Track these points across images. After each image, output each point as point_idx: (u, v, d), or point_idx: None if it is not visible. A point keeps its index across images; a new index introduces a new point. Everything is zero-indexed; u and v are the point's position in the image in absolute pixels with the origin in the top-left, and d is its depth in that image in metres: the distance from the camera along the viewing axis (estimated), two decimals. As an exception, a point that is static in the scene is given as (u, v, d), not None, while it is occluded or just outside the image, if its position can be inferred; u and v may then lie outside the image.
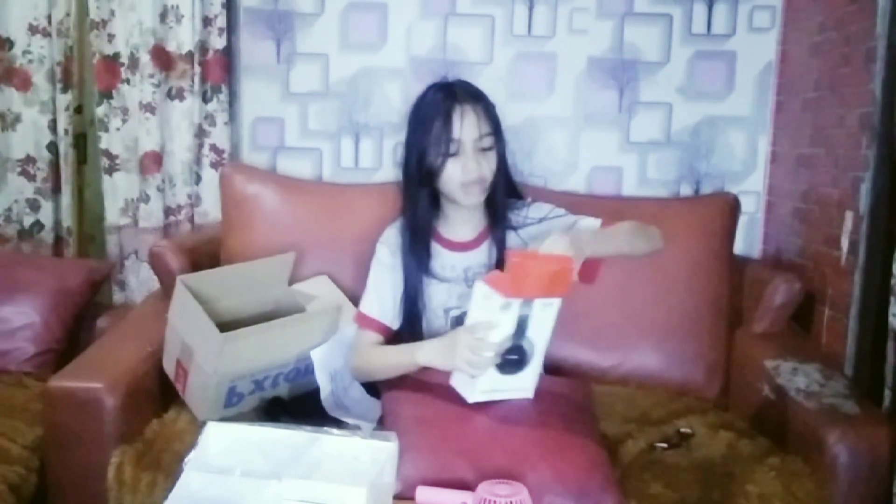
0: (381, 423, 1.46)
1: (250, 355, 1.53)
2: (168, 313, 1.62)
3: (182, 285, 1.57)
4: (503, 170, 1.56)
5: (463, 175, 1.49)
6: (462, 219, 1.59)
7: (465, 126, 1.48)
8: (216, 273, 1.72)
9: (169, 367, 1.64)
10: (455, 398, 1.42)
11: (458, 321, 1.56)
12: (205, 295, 1.57)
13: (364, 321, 1.59)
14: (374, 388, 1.56)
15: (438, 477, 1.28)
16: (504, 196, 1.58)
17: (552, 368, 1.70)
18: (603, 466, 1.35)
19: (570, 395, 1.50)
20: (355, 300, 1.86)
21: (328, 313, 1.63)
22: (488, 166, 1.51)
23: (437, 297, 1.59)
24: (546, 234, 1.35)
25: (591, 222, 1.53)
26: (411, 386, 1.52)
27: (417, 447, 1.31)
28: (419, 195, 1.55)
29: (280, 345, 1.57)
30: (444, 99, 1.50)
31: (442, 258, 1.60)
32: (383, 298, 1.59)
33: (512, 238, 1.58)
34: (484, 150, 1.50)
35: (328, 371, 1.58)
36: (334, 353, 1.59)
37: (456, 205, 1.56)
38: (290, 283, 1.82)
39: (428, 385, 1.50)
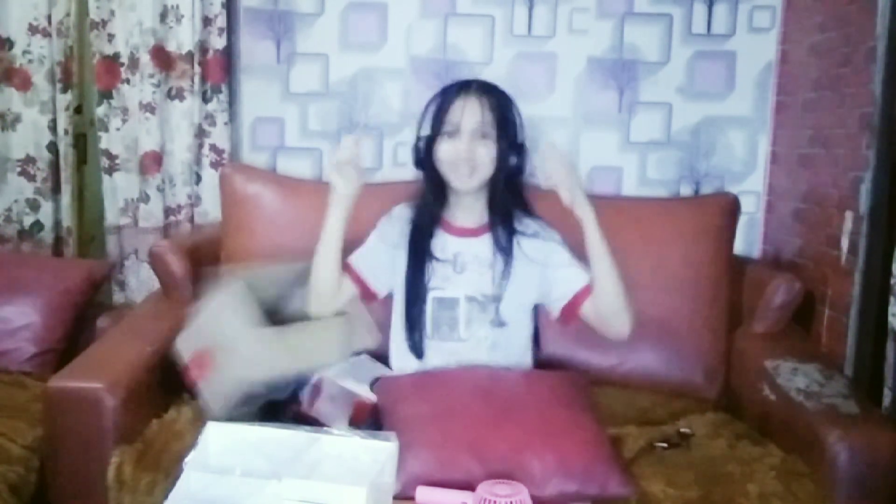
0: (376, 420, 1.47)
1: (284, 362, 1.52)
2: (206, 299, 1.56)
3: (226, 284, 1.53)
4: (505, 168, 1.57)
5: (453, 155, 1.54)
6: (462, 205, 1.62)
7: (467, 113, 1.54)
8: (247, 274, 1.66)
9: (184, 349, 1.56)
10: (451, 392, 1.42)
11: (441, 303, 1.59)
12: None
13: (345, 267, 1.60)
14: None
15: (442, 472, 1.29)
16: (503, 192, 1.60)
17: (550, 365, 1.70)
18: (606, 448, 1.37)
19: (567, 386, 1.51)
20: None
21: (347, 322, 1.64)
22: (486, 154, 1.54)
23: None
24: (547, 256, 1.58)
25: (580, 274, 1.55)
26: (409, 384, 1.52)
27: (419, 444, 1.32)
28: (424, 173, 1.61)
29: (315, 352, 1.58)
30: (455, 88, 1.58)
31: (438, 238, 1.62)
32: (366, 254, 1.63)
33: (519, 243, 1.60)
34: (482, 137, 1.54)
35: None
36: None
37: (455, 190, 1.60)
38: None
39: (423, 380, 1.51)
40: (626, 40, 2.23)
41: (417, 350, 1.61)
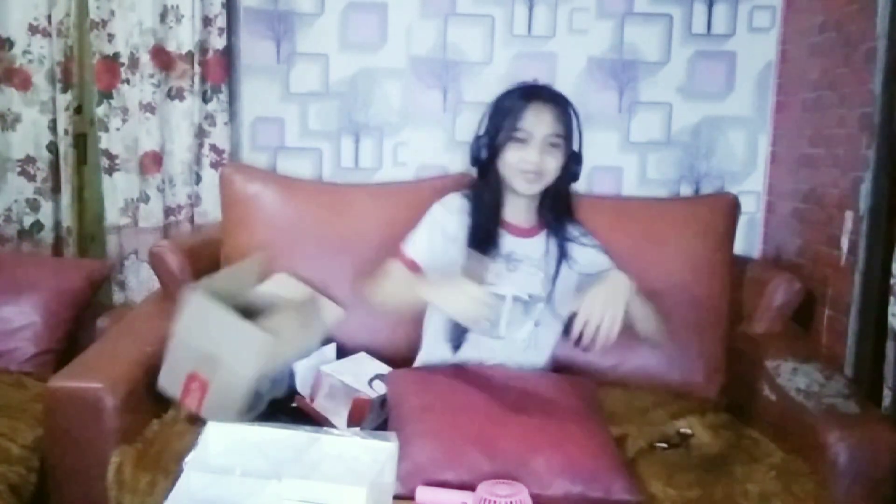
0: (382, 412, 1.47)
1: (283, 349, 1.53)
2: (174, 327, 1.55)
3: (199, 292, 1.51)
4: (565, 175, 1.60)
5: (522, 163, 1.56)
6: (517, 206, 1.64)
7: (540, 121, 1.55)
8: (210, 281, 1.64)
9: (173, 384, 1.56)
10: (460, 387, 1.42)
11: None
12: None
13: (399, 255, 1.60)
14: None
15: (447, 465, 1.29)
16: (558, 197, 1.63)
17: (553, 368, 1.71)
18: (611, 451, 1.38)
19: (577, 390, 1.52)
20: (341, 301, 1.87)
21: (313, 301, 1.69)
22: (552, 162, 1.56)
23: None
24: (590, 279, 1.52)
25: (622, 277, 1.52)
26: (417, 375, 1.53)
27: (426, 434, 1.33)
28: (481, 172, 1.62)
29: (296, 336, 1.59)
30: (525, 94, 1.59)
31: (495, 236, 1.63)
32: (425, 247, 1.61)
33: (570, 248, 1.63)
34: (551, 146, 1.56)
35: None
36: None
37: (513, 191, 1.61)
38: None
39: (433, 374, 1.52)
40: (626, 40, 2.23)
41: (456, 342, 1.60)
